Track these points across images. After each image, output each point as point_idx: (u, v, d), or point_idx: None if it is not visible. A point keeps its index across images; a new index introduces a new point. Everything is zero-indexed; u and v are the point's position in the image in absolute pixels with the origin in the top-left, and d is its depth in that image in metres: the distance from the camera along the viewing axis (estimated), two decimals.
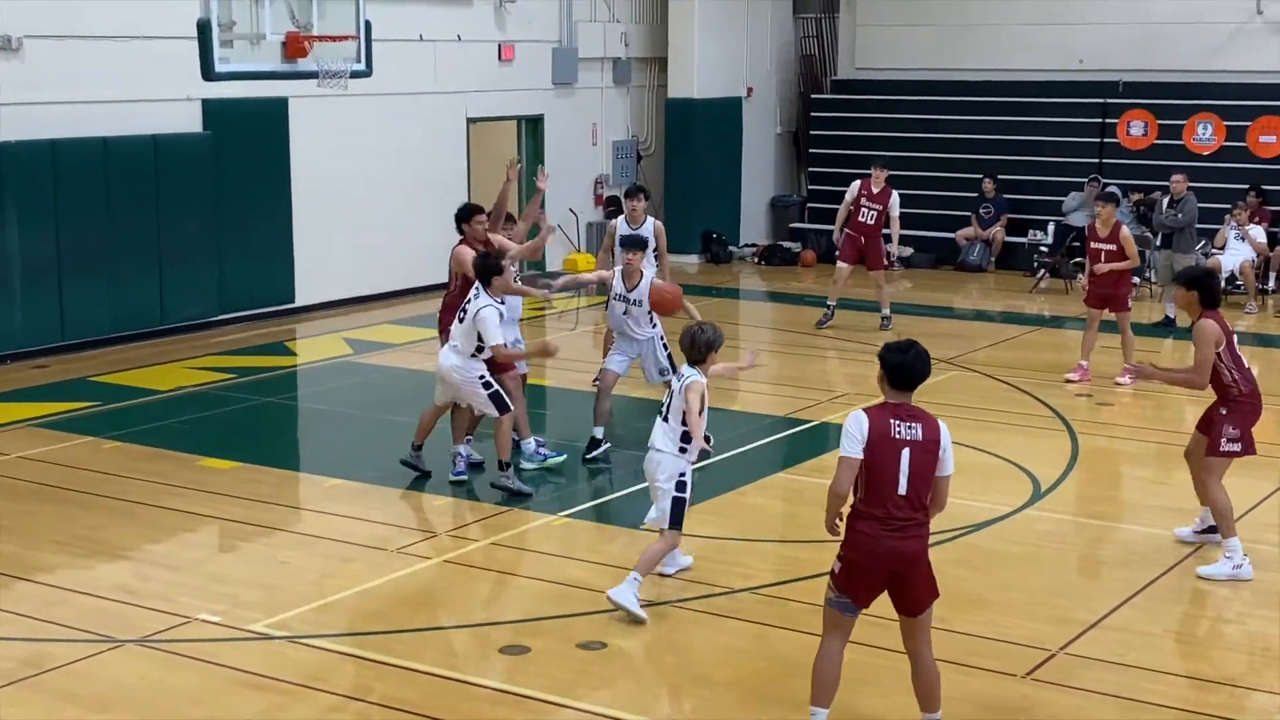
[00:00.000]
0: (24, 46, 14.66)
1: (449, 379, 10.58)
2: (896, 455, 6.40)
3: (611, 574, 9.03)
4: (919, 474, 6.43)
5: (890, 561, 6.45)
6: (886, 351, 6.59)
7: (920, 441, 6.44)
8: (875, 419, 6.45)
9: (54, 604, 8.49)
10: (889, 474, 6.40)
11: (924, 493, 6.48)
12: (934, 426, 6.51)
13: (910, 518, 6.44)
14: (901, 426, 6.43)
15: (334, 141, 17.83)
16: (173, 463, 11.40)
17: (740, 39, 23.01)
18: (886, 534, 6.42)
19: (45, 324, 14.97)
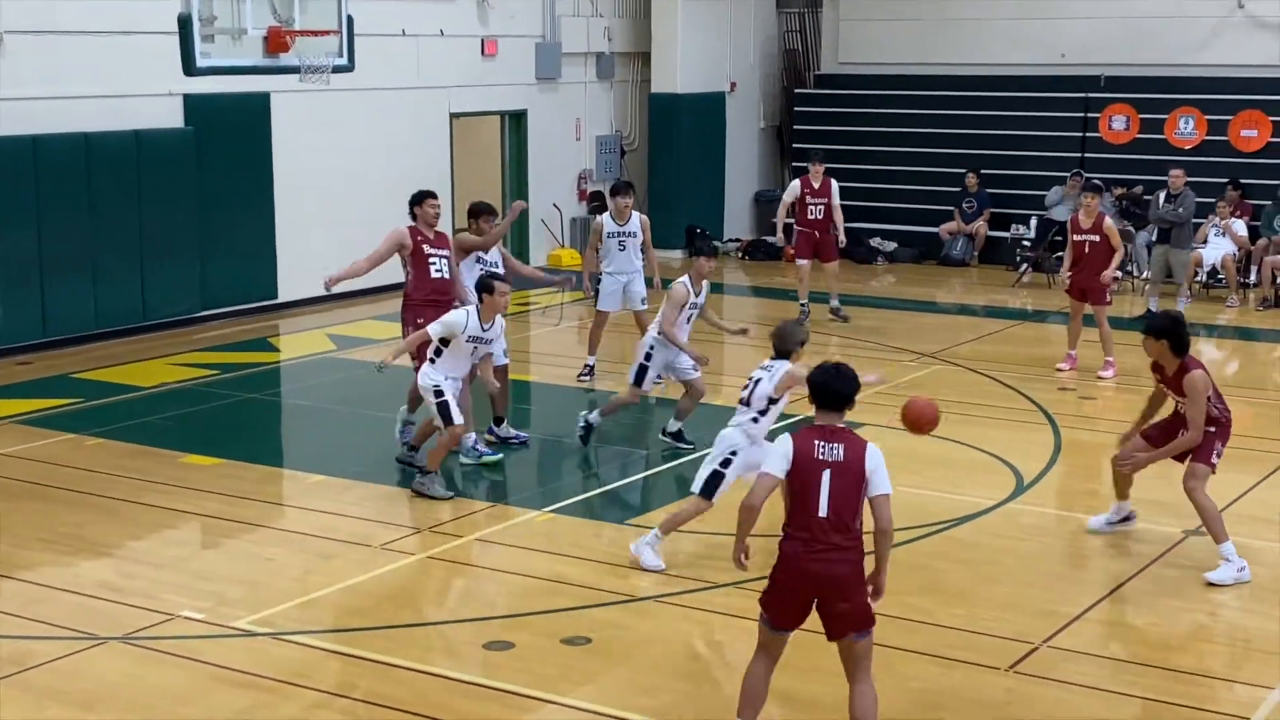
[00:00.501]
0: (4, 41, 14.60)
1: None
2: (818, 476, 6.34)
3: (597, 569, 9.05)
4: (840, 495, 6.33)
5: (811, 584, 6.34)
6: (813, 372, 6.62)
7: (841, 462, 6.36)
8: (800, 440, 6.43)
9: (37, 601, 8.47)
10: (810, 495, 6.34)
11: (848, 515, 6.34)
12: (858, 448, 6.40)
13: (833, 542, 6.30)
14: (824, 447, 6.38)
15: (316, 137, 17.79)
16: (155, 459, 11.37)
17: (723, 33, 23.01)
18: (808, 556, 6.32)
19: (27, 320, 14.92)
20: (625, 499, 10.95)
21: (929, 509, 10.17)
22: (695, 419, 12.73)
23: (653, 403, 13.57)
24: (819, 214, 17.10)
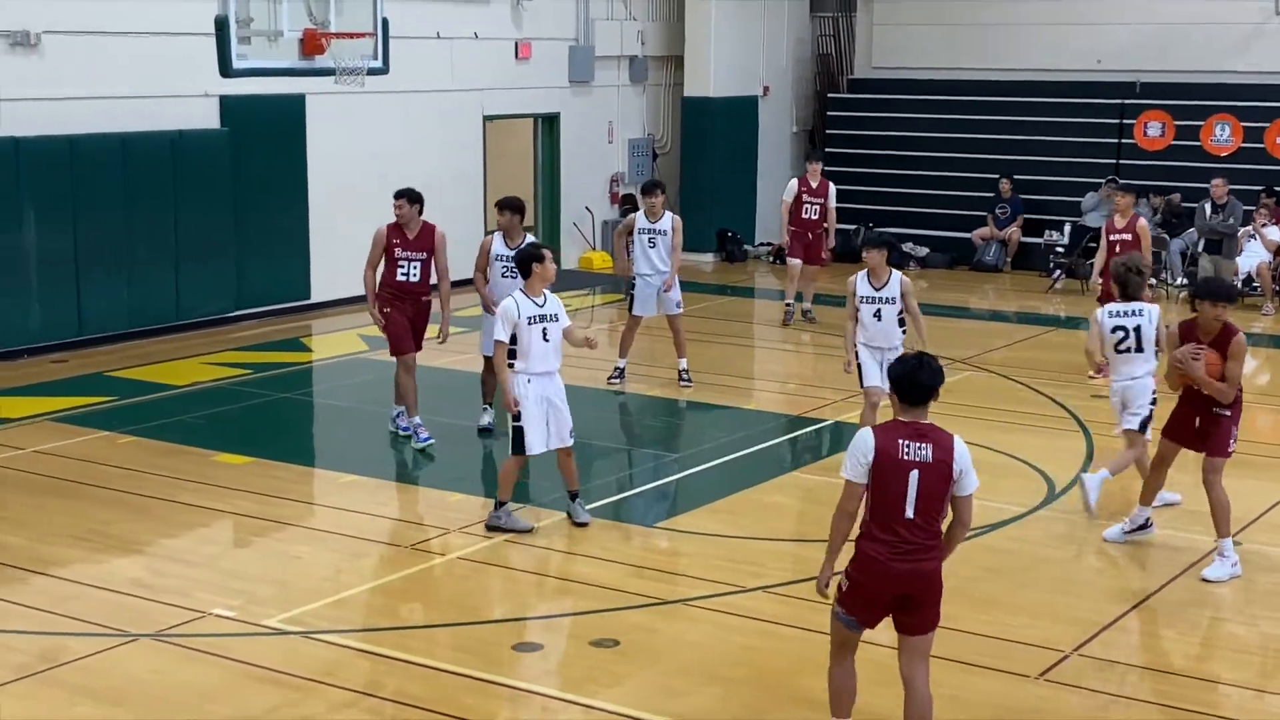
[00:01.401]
0: (43, 42, 14.72)
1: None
2: (904, 477, 6.13)
3: (625, 572, 9.06)
4: (928, 496, 6.14)
5: (898, 585, 6.22)
6: (894, 365, 6.39)
7: (929, 463, 6.14)
8: (882, 439, 6.19)
9: (69, 598, 8.53)
10: (896, 497, 6.14)
11: (934, 515, 6.20)
12: (946, 446, 6.19)
13: (919, 542, 6.17)
14: (910, 447, 6.14)
15: (350, 139, 17.87)
16: (188, 458, 11.44)
17: (757, 37, 22.99)
18: (895, 558, 6.17)
19: (63, 319, 15.03)
20: (655, 502, 10.95)
21: None
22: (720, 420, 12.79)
23: (683, 405, 13.59)
24: (814, 214, 17.23)
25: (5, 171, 14.35)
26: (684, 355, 14.05)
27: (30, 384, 13.81)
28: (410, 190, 11.82)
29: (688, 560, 9.48)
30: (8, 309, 14.52)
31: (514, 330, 9.59)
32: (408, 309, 11.76)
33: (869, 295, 11.02)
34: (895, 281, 11.02)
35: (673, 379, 14.05)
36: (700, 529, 9.95)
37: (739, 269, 22.06)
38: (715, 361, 15.04)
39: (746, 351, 16.80)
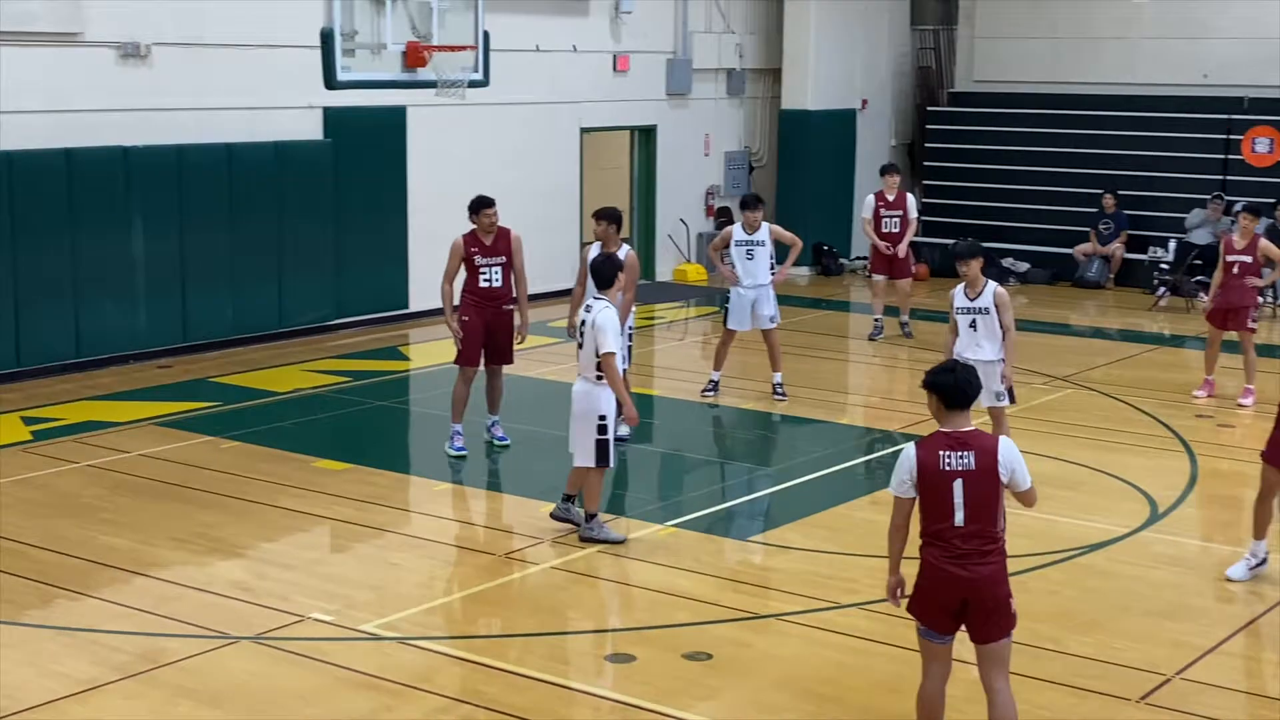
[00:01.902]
0: (153, 54, 15.02)
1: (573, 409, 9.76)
2: (949, 488, 6.20)
3: (718, 585, 9.03)
4: (976, 504, 6.20)
5: (956, 589, 6.26)
6: (935, 375, 6.37)
7: (973, 470, 6.20)
8: (923, 454, 6.27)
9: (171, 599, 8.68)
10: (944, 508, 6.22)
11: (987, 521, 6.24)
12: (989, 451, 6.23)
13: (973, 548, 6.22)
14: (952, 457, 6.21)
15: (449, 150, 18.03)
16: (288, 463, 11.60)
17: (856, 51, 22.88)
18: (949, 562, 6.24)
19: (169, 325, 15.32)
20: (749, 516, 10.91)
21: (1060, 535, 9.99)
22: (814, 434, 12.74)
23: (777, 419, 13.54)
24: (894, 227, 17.05)
25: (114, 180, 14.66)
26: (779, 369, 14.00)
27: (137, 389, 14.09)
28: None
29: (781, 575, 9.43)
30: (117, 315, 14.83)
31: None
32: (488, 315, 11.80)
33: (964, 306, 10.91)
34: (990, 293, 10.89)
35: (767, 392, 14.00)
36: (794, 544, 9.91)
37: (834, 283, 21.95)
38: (809, 375, 14.97)
39: (841, 366, 16.71)
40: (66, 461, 11.54)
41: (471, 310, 11.77)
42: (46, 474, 11.22)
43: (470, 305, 11.79)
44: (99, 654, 7.85)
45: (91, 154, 14.48)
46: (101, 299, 14.70)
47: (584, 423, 9.65)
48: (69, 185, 14.31)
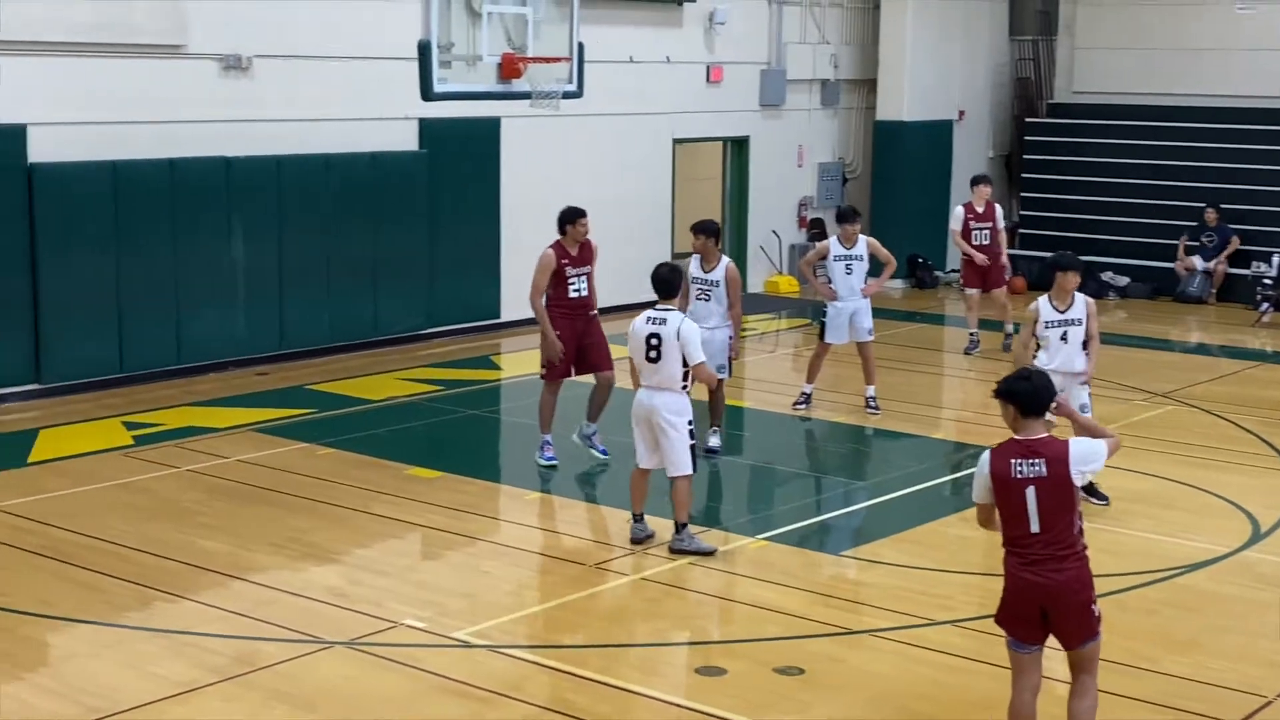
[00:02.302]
0: (253, 66, 15.26)
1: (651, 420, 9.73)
2: (1021, 496, 6.28)
3: (810, 599, 8.97)
4: (1050, 510, 6.25)
5: (1034, 596, 6.31)
6: (1011, 383, 6.42)
7: (1045, 477, 6.25)
8: (996, 462, 6.37)
9: (267, 603, 8.79)
10: (1017, 515, 6.31)
11: (1062, 527, 6.27)
12: (1061, 459, 6.28)
13: (1049, 553, 6.28)
14: (1023, 465, 6.28)
15: (543, 161, 18.13)
16: (382, 470, 11.71)
17: (953, 61, 22.69)
18: (1026, 570, 6.32)
19: (266, 332, 15.54)
20: (841, 530, 10.84)
21: (1159, 554, 9.82)
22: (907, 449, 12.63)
23: (870, 433, 13.44)
24: (984, 239, 16.83)
25: (215, 190, 14.91)
26: (872, 382, 13.89)
27: (235, 395, 14.30)
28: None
29: (873, 590, 9.36)
30: (216, 322, 15.07)
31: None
32: (579, 325, 11.83)
33: (1055, 319, 10.75)
34: (1081, 303, 10.75)
35: (859, 406, 13.90)
36: (886, 559, 9.82)
37: (929, 296, 21.76)
38: (903, 389, 14.85)
39: (934, 380, 16.55)
40: (166, 466, 11.74)
41: (562, 322, 11.75)
42: (147, 478, 11.43)
43: (560, 317, 11.77)
44: (196, 656, 7.97)
45: (194, 164, 14.74)
46: (202, 306, 14.95)
47: (677, 433, 9.62)
48: (172, 195, 14.58)
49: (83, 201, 13.97)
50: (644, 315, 9.76)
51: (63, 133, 13.88)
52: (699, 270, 12.06)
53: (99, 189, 14.08)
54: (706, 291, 12.02)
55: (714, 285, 12.01)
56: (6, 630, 8.35)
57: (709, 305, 12.02)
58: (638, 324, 9.73)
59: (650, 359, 9.64)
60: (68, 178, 13.88)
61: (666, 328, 9.61)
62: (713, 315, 11.98)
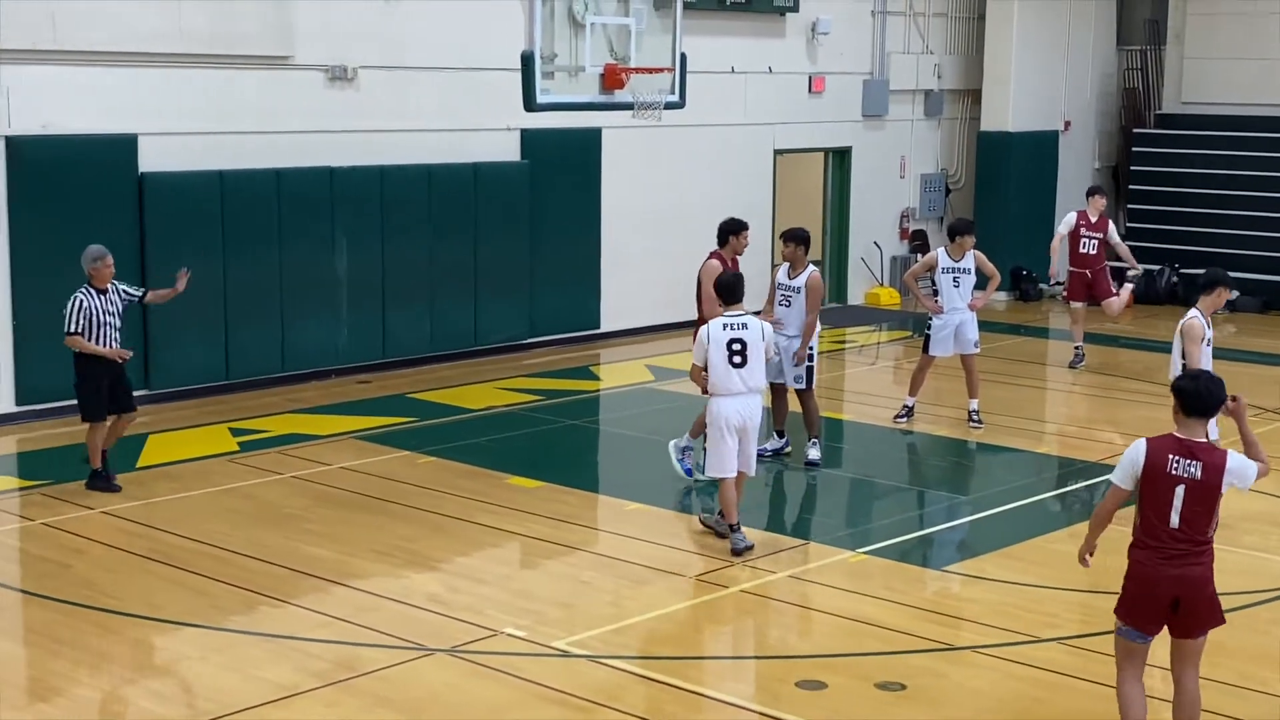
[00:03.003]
0: (359, 77, 15.46)
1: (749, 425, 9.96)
2: (1170, 491, 6.41)
3: (911, 614, 8.87)
4: (1193, 512, 6.40)
5: (1169, 588, 6.45)
6: (1180, 380, 6.66)
7: (1198, 480, 6.39)
8: (1153, 452, 6.48)
9: (369, 610, 8.87)
10: (1161, 508, 6.43)
11: (1202, 526, 6.43)
12: (1217, 466, 6.40)
13: (1183, 549, 6.43)
14: (1180, 463, 6.41)
15: (644, 171, 18.16)
16: (483, 479, 11.77)
17: (1059, 71, 22.38)
18: (1162, 562, 6.44)
19: (369, 341, 15.71)
20: (943, 545, 10.71)
21: (1269, 572, 9.58)
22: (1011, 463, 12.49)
23: (973, 447, 13.28)
24: (1092, 249, 16.47)
25: (320, 199, 15.12)
26: (976, 396, 13.73)
27: (338, 403, 14.47)
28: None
29: (977, 605, 9.22)
30: (320, 330, 15.27)
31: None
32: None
33: (1211, 336, 10.56)
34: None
35: (962, 419, 13.74)
36: (989, 574, 9.69)
37: (1033, 308, 21.47)
38: (1006, 403, 14.65)
39: (1038, 394, 16.30)
40: (271, 472, 11.90)
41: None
42: (252, 484, 11.59)
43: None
44: (300, 661, 8.05)
45: (299, 174, 14.96)
46: (306, 315, 15.15)
47: (756, 434, 10.00)
48: (278, 204, 14.80)
49: (190, 210, 14.23)
50: (719, 322, 9.89)
51: (172, 142, 14.16)
52: (785, 277, 12.13)
53: (206, 198, 14.34)
54: (788, 298, 12.03)
55: (796, 292, 11.98)
56: (115, 633, 8.51)
57: (789, 312, 12.03)
58: (715, 331, 9.84)
59: (735, 364, 9.81)
60: (176, 187, 14.15)
61: (750, 332, 9.84)
62: (793, 323, 11.97)
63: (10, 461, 12.52)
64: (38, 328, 13.40)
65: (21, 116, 13.26)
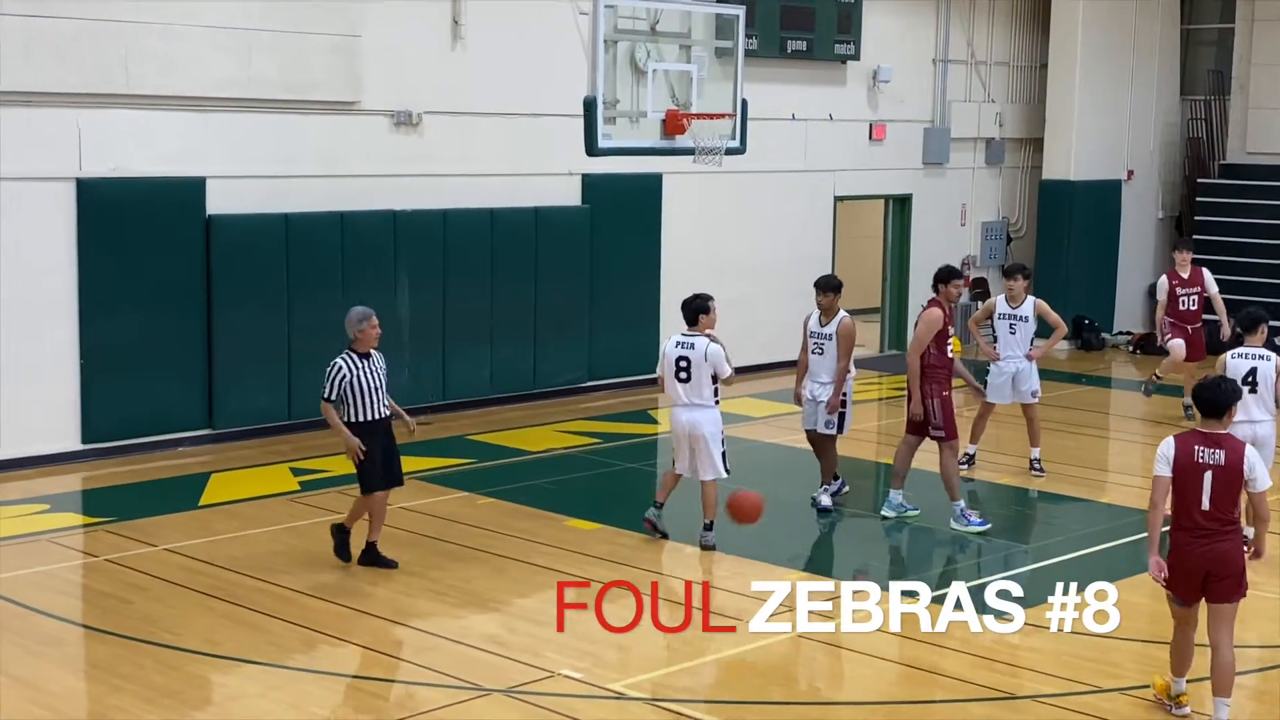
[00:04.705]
0: (423, 122, 15.62)
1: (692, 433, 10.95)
2: (1199, 477, 7.54)
3: (972, 662, 8.78)
4: (1220, 494, 7.52)
5: (1202, 563, 7.59)
6: (1199, 387, 7.73)
7: (1222, 466, 7.51)
8: (1180, 445, 7.65)
9: (426, 650, 8.89)
10: (1192, 492, 7.56)
11: (1227, 508, 7.55)
12: (1238, 452, 7.54)
13: (1212, 528, 7.56)
14: (1205, 452, 7.54)
15: (704, 217, 18.21)
16: (541, 521, 11.79)
17: (1121, 120, 22.27)
18: (1195, 541, 7.59)
19: (430, 382, 15.80)
20: (1004, 594, 10.55)
21: None
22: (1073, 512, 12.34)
23: (1034, 495, 13.16)
24: (1191, 304, 16.14)
25: (384, 242, 15.26)
26: (1037, 444, 13.61)
27: (399, 444, 14.49)
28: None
29: (1038, 655, 9.10)
30: None
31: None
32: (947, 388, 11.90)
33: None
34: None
35: (1024, 468, 13.62)
36: (1052, 624, 9.54)
37: (1096, 358, 21.28)
38: (1069, 452, 14.52)
39: (1101, 443, 16.14)
40: (331, 511, 11.97)
41: (946, 381, 11.71)
42: (312, 523, 11.66)
43: (935, 380, 11.66)
44: (359, 699, 8.08)
45: (363, 217, 15.11)
46: None
47: (714, 443, 10.90)
48: (342, 247, 14.96)
49: (256, 252, 14.41)
50: (673, 340, 11.13)
51: (239, 185, 14.36)
52: (816, 325, 12.11)
53: (272, 240, 14.51)
54: (821, 345, 12.02)
55: (829, 339, 11.95)
56: (175, 669, 8.57)
57: (822, 359, 11.98)
58: (669, 349, 11.11)
59: (681, 379, 10.91)
60: (243, 229, 14.34)
61: (691, 351, 10.89)
62: (824, 370, 11.93)
63: (75, 498, 12.67)
64: (104, 367, 13.62)
65: (92, 159, 13.50)
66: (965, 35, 21.46)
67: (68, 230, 13.44)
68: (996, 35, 21.94)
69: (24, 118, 13.08)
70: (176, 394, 14.12)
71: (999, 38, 21.97)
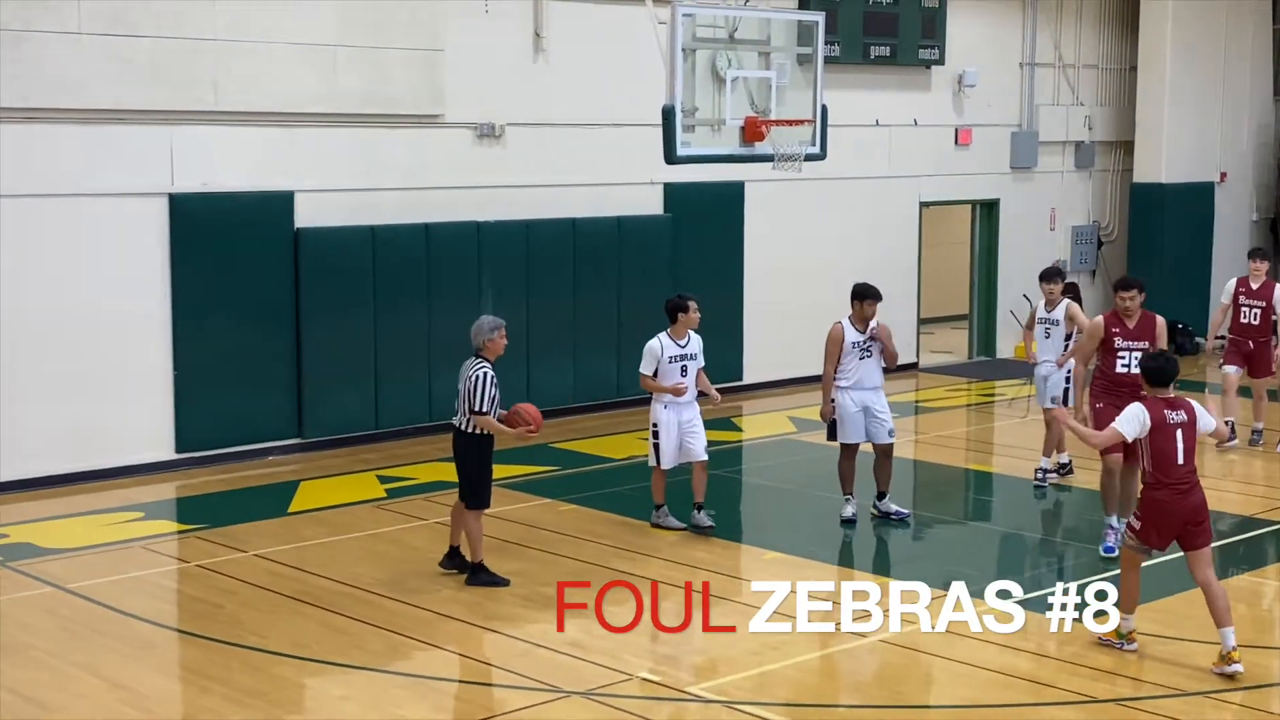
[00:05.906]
0: (506, 134, 15.78)
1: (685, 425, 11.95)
2: (1174, 437, 8.59)
3: (1053, 666, 8.71)
4: (1189, 447, 8.61)
5: (1182, 514, 8.59)
6: (1147, 360, 8.93)
7: (1186, 423, 8.64)
8: (1154, 411, 8.63)
9: (508, 653, 8.97)
10: (1170, 451, 8.58)
11: (1192, 459, 8.63)
12: (1191, 409, 8.70)
13: (1192, 481, 8.66)
14: (1173, 414, 8.64)
15: (786, 224, 18.19)
16: (623, 527, 11.85)
17: (1213, 122, 21.93)
18: (1177, 497, 8.59)
19: (513, 391, 15.86)
20: (1087, 598, 10.42)
21: None
22: None
23: None
24: (1253, 318, 15.10)
25: (468, 253, 15.42)
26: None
27: None
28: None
29: (1122, 659, 8.99)
30: None
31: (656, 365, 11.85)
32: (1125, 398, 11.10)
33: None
34: None
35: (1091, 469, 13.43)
36: (1137, 628, 9.42)
37: (1188, 363, 20.90)
38: None
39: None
40: (416, 518, 12.12)
41: (1104, 395, 11.09)
42: (398, 529, 11.82)
43: (1101, 391, 11.17)
44: (441, 702, 8.18)
45: (448, 229, 15.29)
46: (453, 366, 15.22)
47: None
48: (426, 258, 15.14)
49: (343, 264, 14.64)
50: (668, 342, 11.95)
51: (326, 199, 14.60)
52: (855, 334, 11.91)
53: (358, 252, 14.73)
54: (868, 348, 11.87)
55: (874, 340, 11.81)
56: (262, 670, 8.72)
57: (869, 363, 11.83)
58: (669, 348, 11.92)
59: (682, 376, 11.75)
60: (330, 241, 14.57)
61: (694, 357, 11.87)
62: (873, 374, 11.82)
63: (170, 506, 12.94)
64: (197, 378, 13.89)
65: (184, 175, 13.80)
66: (1052, 38, 21.26)
67: (161, 245, 13.75)
68: (1084, 38, 21.71)
69: (117, 135, 13.41)
70: (266, 404, 14.38)
71: (1086, 40, 21.74)
